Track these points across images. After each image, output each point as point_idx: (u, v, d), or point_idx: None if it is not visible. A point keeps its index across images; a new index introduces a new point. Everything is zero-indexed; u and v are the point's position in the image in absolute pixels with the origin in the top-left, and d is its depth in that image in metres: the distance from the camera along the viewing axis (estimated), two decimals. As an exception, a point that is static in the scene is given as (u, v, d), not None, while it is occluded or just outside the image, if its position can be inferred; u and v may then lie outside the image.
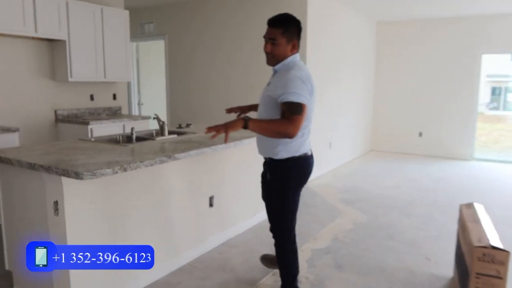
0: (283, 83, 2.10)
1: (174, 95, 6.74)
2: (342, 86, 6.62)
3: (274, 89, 2.15)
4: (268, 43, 2.20)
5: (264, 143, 2.29)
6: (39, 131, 4.59)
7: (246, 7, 5.72)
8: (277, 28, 2.18)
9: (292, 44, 2.22)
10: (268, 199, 2.43)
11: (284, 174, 2.27)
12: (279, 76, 2.19)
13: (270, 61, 2.25)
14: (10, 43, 4.23)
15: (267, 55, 2.23)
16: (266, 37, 2.21)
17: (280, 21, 2.19)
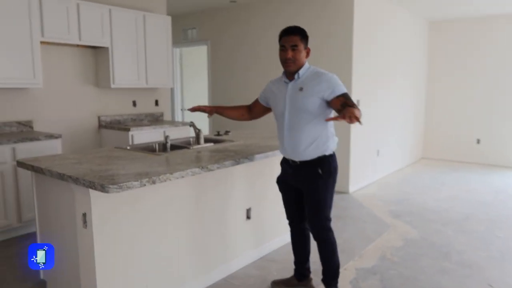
0: (325, 81, 2.31)
1: (215, 100, 6.67)
2: (391, 90, 6.24)
3: (320, 91, 2.29)
4: (289, 49, 2.33)
5: (313, 143, 2.35)
6: (83, 137, 4.66)
7: (288, 10, 5.54)
8: (296, 35, 2.35)
9: (307, 51, 2.40)
10: (316, 195, 2.42)
11: (333, 167, 2.42)
12: (311, 80, 2.34)
13: (291, 66, 2.36)
14: (57, 51, 4.33)
15: (288, 61, 2.34)
16: (287, 44, 2.34)
17: (297, 29, 2.38)
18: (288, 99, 2.39)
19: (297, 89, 2.36)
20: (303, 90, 2.33)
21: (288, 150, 2.45)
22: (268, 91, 2.59)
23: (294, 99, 2.36)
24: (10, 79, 3.71)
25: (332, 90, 2.27)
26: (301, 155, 2.39)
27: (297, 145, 2.38)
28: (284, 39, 2.35)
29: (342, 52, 5.11)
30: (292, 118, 2.37)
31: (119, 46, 4.57)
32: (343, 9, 5.05)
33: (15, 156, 3.52)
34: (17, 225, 3.60)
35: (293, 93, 2.37)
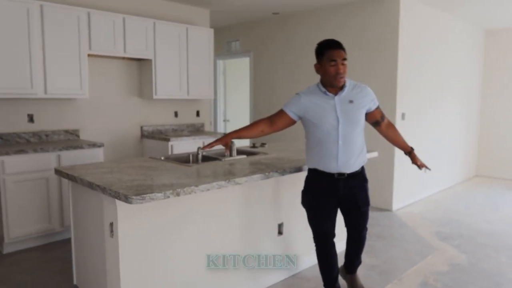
0: (367, 93, 2.49)
1: (256, 112, 6.66)
2: (440, 103, 5.90)
3: (366, 103, 2.47)
4: (340, 64, 2.35)
5: (361, 154, 2.49)
6: (126, 146, 4.81)
7: (331, 21, 5.43)
8: (343, 50, 2.39)
9: None
10: (367, 200, 2.63)
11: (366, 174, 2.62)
12: (355, 92, 2.45)
13: (341, 81, 2.39)
14: (103, 63, 4.51)
15: (340, 76, 2.36)
16: (338, 59, 2.35)
17: (341, 43, 2.41)
18: (340, 112, 2.38)
19: (346, 102, 2.40)
20: (354, 102, 2.40)
21: (341, 163, 2.41)
22: (307, 105, 2.44)
23: (347, 111, 2.39)
24: (60, 90, 3.91)
25: (374, 102, 2.49)
26: (352, 167, 2.45)
27: (351, 157, 2.43)
28: (335, 53, 2.35)
29: (387, 63, 4.92)
30: (347, 131, 2.39)
31: (162, 58, 4.69)
32: (388, 19, 4.87)
33: (59, 163, 3.68)
34: (59, 229, 3.75)
35: (344, 105, 2.40)
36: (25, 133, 3.98)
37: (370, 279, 3.09)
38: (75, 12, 3.93)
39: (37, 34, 3.70)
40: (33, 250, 3.55)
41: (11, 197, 3.43)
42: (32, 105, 4.01)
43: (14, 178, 3.44)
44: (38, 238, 3.66)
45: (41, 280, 2.98)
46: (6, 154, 3.38)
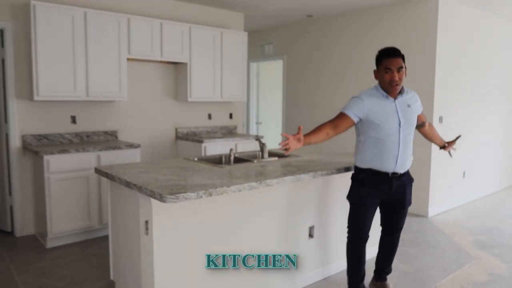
0: (419, 100, 2.69)
1: (289, 114, 6.67)
2: (481, 107, 5.68)
3: (418, 107, 2.66)
4: (395, 72, 2.45)
5: (410, 157, 2.62)
6: (161, 147, 4.94)
7: (364, 23, 5.36)
8: (400, 57, 2.47)
9: (405, 70, 2.52)
10: (410, 199, 2.74)
11: None
12: (409, 96, 2.61)
13: (397, 88, 2.49)
14: (140, 67, 4.67)
15: (395, 83, 2.45)
16: (394, 67, 2.44)
17: (398, 51, 2.50)
18: (401, 116, 2.50)
19: (405, 106, 2.53)
20: (411, 107, 2.55)
21: (399, 164, 2.53)
22: (370, 107, 2.47)
23: (406, 115, 2.52)
24: (100, 93, 4.08)
25: (421, 106, 2.70)
26: (406, 167, 2.61)
27: (407, 157, 2.58)
28: (390, 62, 2.45)
29: (423, 64, 4.80)
30: (406, 133, 2.52)
31: (197, 62, 4.80)
32: (426, 19, 4.75)
33: (99, 163, 3.84)
34: (98, 226, 3.91)
35: (403, 109, 2.52)
36: (68, 134, 4.18)
37: (403, 287, 3.03)
38: (116, 18, 4.10)
39: (81, 39, 3.89)
40: (74, 246, 3.72)
41: (54, 194, 3.62)
42: (74, 107, 4.21)
43: (57, 177, 3.62)
44: (78, 234, 3.83)
45: (80, 274, 3.13)
46: (50, 154, 3.57)
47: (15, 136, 3.88)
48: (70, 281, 3.01)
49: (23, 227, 3.99)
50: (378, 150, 2.51)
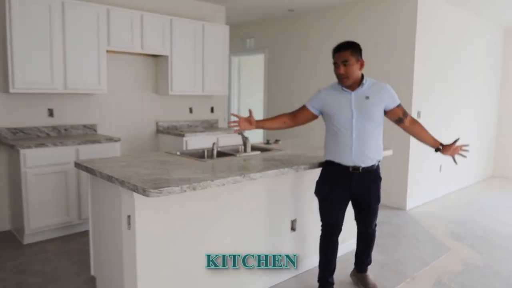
0: (386, 91, 2.55)
1: (271, 108, 6.68)
2: (457, 102, 5.83)
3: (384, 100, 2.54)
4: (340, 65, 2.47)
5: (377, 150, 2.58)
6: (141, 141, 4.88)
7: (346, 18, 5.41)
8: (346, 51, 2.46)
9: (360, 62, 2.51)
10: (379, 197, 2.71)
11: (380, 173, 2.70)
12: (374, 89, 2.53)
13: (345, 81, 2.50)
14: (120, 59, 4.59)
15: (341, 76, 2.49)
16: (338, 61, 2.48)
17: (347, 44, 2.49)
18: (355, 108, 2.49)
19: (363, 98, 2.49)
20: (369, 98, 2.49)
21: (355, 157, 2.52)
22: (326, 99, 2.61)
23: (362, 107, 2.49)
24: (79, 85, 3.99)
25: (393, 100, 2.55)
26: (366, 161, 2.54)
27: (365, 151, 2.51)
28: (335, 56, 2.50)
29: (403, 61, 4.88)
30: (362, 126, 2.49)
31: (178, 55, 4.74)
32: (406, 16, 4.83)
33: (78, 157, 3.77)
34: (77, 221, 3.84)
35: (360, 101, 2.49)
36: (45, 127, 4.08)
37: (383, 278, 3.10)
38: (95, 9, 4.00)
39: (58, 30, 3.78)
40: (52, 242, 3.65)
41: (32, 189, 3.53)
42: (52, 100, 4.10)
43: (34, 171, 3.53)
44: (57, 229, 3.75)
45: (59, 270, 3.07)
46: (27, 148, 3.48)
47: (-11, 129, 3.76)
48: (49, 277, 2.95)
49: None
50: (334, 142, 2.57)
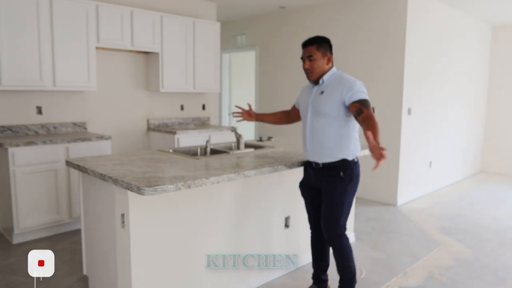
0: (346, 86, 2.33)
1: (262, 106, 6.67)
2: (446, 98, 5.89)
3: (338, 95, 2.34)
4: (306, 60, 2.45)
5: (336, 146, 2.40)
6: (132, 139, 4.84)
7: (337, 15, 5.42)
8: (312, 46, 2.44)
9: (327, 57, 2.45)
10: (333, 197, 2.43)
11: (355, 174, 2.43)
12: (337, 84, 2.39)
13: (310, 76, 2.48)
14: (110, 56, 4.53)
15: (307, 71, 2.47)
16: (304, 56, 2.46)
17: (313, 39, 2.46)
18: (310, 103, 2.48)
19: (319, 93, 2.45)
20: (324, 93, 2.42)
21: (310, 152, 2.50)
22: (300, 95, 2.70)
23: (315, 102, 2.44)
24: (68, 82, 3.93)
25: (351, 95, 2.30)
26: (323, 157, 2.44)
27: (319, 147, 2.44)
28: (303, 51, 2.49)
29: (393, 57, 4.91)
30: (313, 121, 2.46)
31: (168, 52, 4.70)
32: (396, 13, 4.85)
33: (68, 155, 3.71)
34: (68, 220, 3.79)
35: (316, 96, 2.46)
36: (34, 125, 4.01)
37: (375, 273, 3.12)
38: (84, 5, 3.94)
39: (46, 27, 3.72)
40: (42, 241, 3.60)
41: (21, 188, 3.47)
42: (40, 98, 4.04)
43: (23, 170, 3.48)
44: (47, 229, 3.70)
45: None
46: (16, 146, 3.42)
47: (-24, 127, 3.68)
48: (40, 277, 2.91)
49: (-13, 223, 3.82)
50: (302, 138, 2.62)
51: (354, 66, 5.17)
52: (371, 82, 5.13)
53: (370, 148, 2.03)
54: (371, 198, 5.21)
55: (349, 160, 2.41)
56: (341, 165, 2.40)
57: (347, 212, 2.46)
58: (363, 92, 2.32)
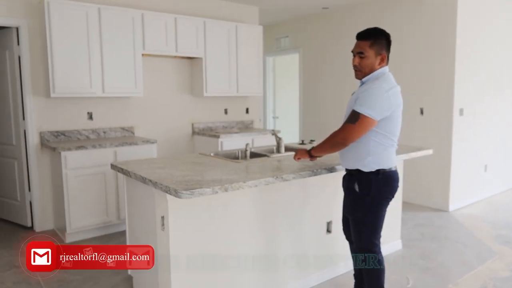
0: (362, 92, 2.15)
1: (306, 108, 6.60)
2: (503, 98, 5.50)
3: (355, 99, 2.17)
4: (356, 56, 2.22)
5: (351, 154, 2.25)
6: (177, 142, 4.95)
7: (383, 14, 5.24)
8: (365, 41, 2.19)
9: (381, 57, 2.20)
10: (354, 213, 2.30)
11: (375, 187, 2.20)
12: (364, 87, 2.18)
13: (357, 75, 2.26)
14: (155, 62, 4.67)
15: (354, 68, 2.25)
16: (354, 51, 2.23)
17: (369, 33, 2.21)
18: (348, 104, 2.32)
19: (355, 96, 2.24)
20: (353, 96, 2.27)
21: (340, 156, 2.38)
22: None
23: (350, 105, 2.26)
24: (116, 89, 4.10)
25: (356, 102, 2.14)
26: (345, 163, 2.33)
27: (345, 152, 2.30)
28: (355, 44, 2.24)
29: (443, 54, 4.67)
30: None
31: (212, 56, 4.77)
32: (446, 9, 4.61)
33: (116, 159, 3.87)
34: (116, 221, 3.94)
35: (352, 100, 2.27)
36: (86, 130, 4.22)
37: (423, 283, 2.96)
38: (130, 14, 4.10)
39: (95, 36, 3.90)
40: (92, 241, 3.76)
41: (72, 190, 3.66)
42: (91, 104, 4.24)
43: (75, 173, 3.66)
44: (97, 229, 3.87)
45: (98, 269, 3.15)
46: (68, 150, 3.61)
47: (33, 133, 3.93)
48: (87, 275, 3.04)
49: (43, 222, 4.05)
50: None
51: (400, 66, 4.98)
52: (418, 82, 4.91)
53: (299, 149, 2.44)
54: (420, 203, 4.97)
55: (365, 172, 2.20)
56: (357, 175, 2.23)
57: (373, 228, 2.26)
58: (362, 105, 2.09)
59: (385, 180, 2.21)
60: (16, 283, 2.96)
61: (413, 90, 4.89)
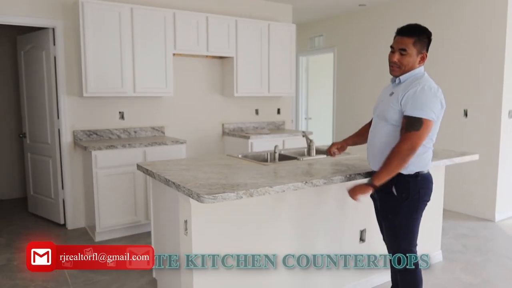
0: (409, 92, 2.02)
1: (340, 109, 6.38)
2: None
3: (401, 100, 2.04)
4: (396, 52, 2.10)
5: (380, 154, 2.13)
6: (207, 143, 4.89)
7: (422, 11, 4.96)
8: (409, 38, 2.07)
9: (422, 55, 2.11)
10: (389, 217, 2.18)
11: (413, 190, 2.10)
12: (405, 87, 2.06)
13: (395, 71, 2.14)
14: (186, 62, 4.63)
15: (393, 64, 2.13)
16: (396, 47, 2.11)
17: (413, 30, 2.09)
18: (379, 101, 2.25)
19: (389, 93, 2.18)
20: (392, 96, 2.13)
21: (368, 156, 2.29)
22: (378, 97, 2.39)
23: (382, 103, 2.20)
24: (147, 89, 4.09)
25: (407, 106, 2.01)
26: (374, 164, 2.21)
27: (372, 151, 2.23)
28: (395, 40, 2.12)
29: (490, 52, 4.34)
30: (375, 123, 2.24)
31: (243, 56, 4.68)
32: (492, 5, 4.29)
33: (145, 159, 3.85)
34: (144, 221, 3.92)
35: (385, 96, 2.21)
36: (117, 130, 4.24)
37: (467, 299, 2.73)
38: (162, 13, 4.07)
39: (127, 36, 3.90)
40: (121, 240, 3.76)
41: (102, 189, 3.66)
42: (122, 103, 4.25)
43: (105, 172, 3.66)
44: (125, 229, 3.86)
45: (125, 270, 3.11)
46: (98, 149, 3.62)
47: (66, 131, 3.98)
48: (115, 276, 3.02)
49: (75, 220, 4.10)
50: None
51: (442, 66, 4.70)
52: (462, 81, 4.60)
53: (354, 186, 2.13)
54: (463, 211, 4.65)
55: (404, 175, 2.07)
56: (394, 177, 2.06)
57: (410, 234, 2.15)
58: (423, 106, 1.96)
59: (423, 182, 2.13)
60: (45, 281, 2.98)
61: (456, 90, 4.59)
